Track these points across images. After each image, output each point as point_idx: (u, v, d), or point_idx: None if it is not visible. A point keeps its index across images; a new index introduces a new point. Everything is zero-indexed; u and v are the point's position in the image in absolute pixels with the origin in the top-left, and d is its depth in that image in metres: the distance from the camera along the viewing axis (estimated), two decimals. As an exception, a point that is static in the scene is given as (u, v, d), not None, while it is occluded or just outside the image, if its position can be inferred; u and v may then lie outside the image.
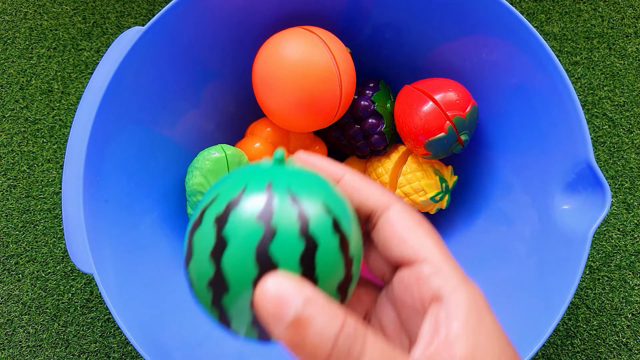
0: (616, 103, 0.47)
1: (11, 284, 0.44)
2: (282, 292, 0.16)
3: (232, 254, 0.17)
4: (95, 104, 0.34)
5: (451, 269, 0.20)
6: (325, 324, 0.16)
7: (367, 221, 0.22)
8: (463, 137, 0.38)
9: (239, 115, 0.43)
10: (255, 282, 0.17)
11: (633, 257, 0.44)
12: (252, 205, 0.18)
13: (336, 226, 0.19)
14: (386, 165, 0.42)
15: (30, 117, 0.47)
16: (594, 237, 0.45)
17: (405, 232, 0.20)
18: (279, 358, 0.38)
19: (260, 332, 0.19)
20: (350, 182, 0.22)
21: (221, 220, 0.18)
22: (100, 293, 0.32)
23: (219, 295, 0.18)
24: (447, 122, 0.37)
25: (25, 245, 0.44)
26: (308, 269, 0.18)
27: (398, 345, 0.21)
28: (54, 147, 0.46)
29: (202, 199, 0.19)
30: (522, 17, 0.34)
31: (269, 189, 0.18)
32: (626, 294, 0.44)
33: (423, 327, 0.19)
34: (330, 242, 0.18)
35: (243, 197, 0.18)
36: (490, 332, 0.19)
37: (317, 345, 0.16)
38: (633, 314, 0.43)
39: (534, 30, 0.34)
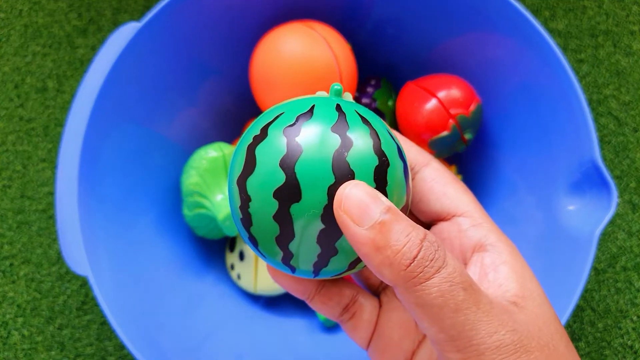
0: (622, 101, 0.46)
1: (6, 285, 0.43)
2: (368, 195, 0.17)
3: (307, 161, 0.17)
4: (90, 102, 0.33)
5: (489, 223, 0.21)
6: (411, 229, 0.17)
7: None
8: (467, 136, 0.37)
9: (236, 113, 0.43)
10: (330, 190, 0.17)
11: (639, 258, 0.44)
12: (325, 117, 0.18)
13: (400, 153, 0.19)
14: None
15: (24, 116, 0.46)
16: (599, 238, 0.44)
17: (444, 187, 0.21)
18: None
19: (324, 249, 0.18)
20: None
21: (293, 131, 0.18)
22: (95, 295, 0.31)
23: (287, 205, 0.18)
24: (451, 120, 0.36)
25: (20, 246, 0.44)
26: (381, 184, 0.18)
27: None
28: (49, 146, 0.46)
29: (260, 119, 0.19)
30: (527, 14, 0.33)
31: (339, 108, 0.19)
32: (632, 295, 0.43)
33: (469, 272, 0.20)
34: (398, 164, 0.19)
35: (315, 112, 0.18)
36: (532, 277, 0.20)
37: (400, 247, 0.16)
38: (639, 317, 0.43)
39: (540, 26, 0.33)
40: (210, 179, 0.37)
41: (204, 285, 0.40)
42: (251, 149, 0.18)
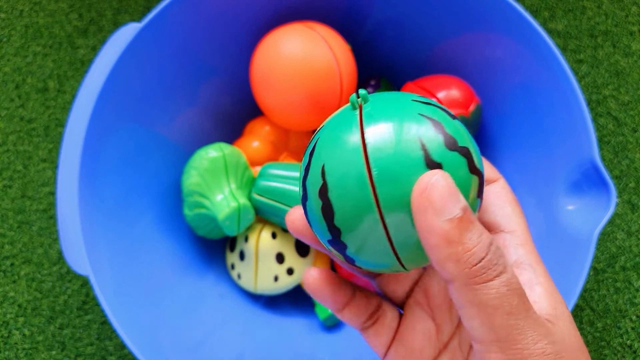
0: (621, 102, 0.46)
1: (7, 285, 0.43)
2: (452, 189, 0.17)
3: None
4: (91, 103, 0.33)
5: (532, 247, 0.22)
6: (482, 232, 0.17)
7: None
8: (466, 136, 0.37)
9: (237, 113, 0.43)
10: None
11: (638, 258, 0.44)
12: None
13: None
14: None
15: (25, 116, 0.46)
16: (598, 238, 0.44)
17: (503, 203, 0.22)
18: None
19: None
20: None
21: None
22: (96, 295, 0.31)
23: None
24: (450, 120, 0.36)
25: (21, 246, 0.44)
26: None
27: (445, 316, 0.23)
28: (50, 146, 0.46)
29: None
30: (526, 14, 0.33)
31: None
32: (631, 295, 0.43)
33: None
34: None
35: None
36: (562, 301, 0.20)
37: (472, 247, 0.17)
38: (638, 316, 0.43)
39: (539, 27, 0.33)
40: (210, 179, 0.37)
41: (205, 284, 0.40)
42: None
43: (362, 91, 0.20)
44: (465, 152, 0.18)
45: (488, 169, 0.23)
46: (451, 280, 0.17)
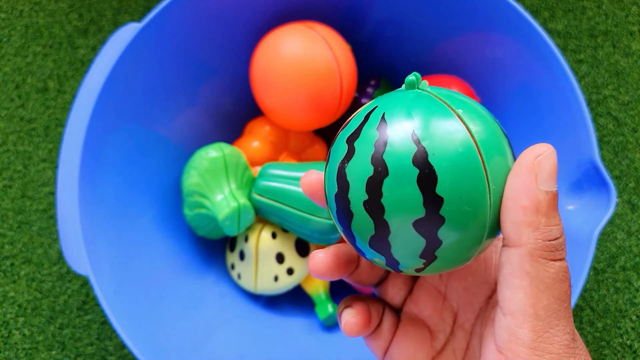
0: (621, 102, 0.46)
1: (7, 285, 0.43)
2: (555, 167, 0.18)
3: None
4: (91, 103, 0.33)
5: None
6: (560, 219, 0.18)
7: None
8: (466, 136, 0.37)
9: (237, 113, 0.43)
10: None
11: (638, 258, 0.44)
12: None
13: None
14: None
15: (25, 116, 0.46)
16: (598, 237, 0.44)
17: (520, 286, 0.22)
18: (278, 361, 0.37)
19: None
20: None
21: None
22: (96, 295, 0.31)
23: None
24: (450, 120, 0.36)
25: (21, 246, 0.44)
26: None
27: (439, 323, 0.23)
28: (50, 146, 0.46)
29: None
30: (526, 14, 0.33)
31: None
32: (631, 295, 0.43)
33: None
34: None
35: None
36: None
37: (553, 225, 0.18)
38: (638, 316, 0.43)
39: (539, 27, 0.33)
40: (210, 179, 0.37)
41: (205, 284, 0.40)
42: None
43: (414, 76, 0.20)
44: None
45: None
46: (519, 245, 0.18)
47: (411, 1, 0.37)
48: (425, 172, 0.17)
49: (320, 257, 0.22)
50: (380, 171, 0.17)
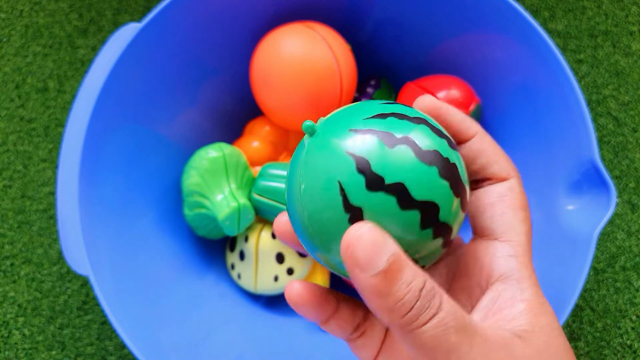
0: (621, 102, 0.46)
1: (7, 285, 0.43)
2: (375, 242, 0.17)
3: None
4: (91, 103, 0.33)
5: (526, 259, 0.21)
6: (412, 278, 0.17)
7: (481, 181, 0.22)
8: (466, 136, 0.37)
9: (237, 113, 0.43)
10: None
11: (638, 258, 0.44)
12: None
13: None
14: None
15: (25, 116, 0.46)
16: (598, 238, 0.44)
17: (507, 208, 0.21)
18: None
19: None
20: (481, 144, 0.22)
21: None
22: (96, 295, 0.31)
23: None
24: (450, 120, 0.36)
25: (21, 246, 0.44)
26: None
27: None
28: (50, 146, 0.46)
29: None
30: (526, 14, 0.33)
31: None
32: (631, 295, 0.43)
33: (483, 300, 0.20)
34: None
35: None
36: (550, 324, 0.19)
37: (402, 296, 0.17)
38: (638, 316, 0.43)
39: (539, 27, 0.33)
40: (210, 179, 0.37)
41: (205, 284, 0.40)
42: None
43: (307, 123, 0.20)
44: (396, 189, 0.18)
45: (499, 166, 0.22)
46: (390, 327, 0.18)
47: (411, 1, 0.37)
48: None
49: (296, 287, 0.21)
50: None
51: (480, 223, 0.22)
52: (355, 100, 0.41)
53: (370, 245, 0.17)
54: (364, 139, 0.18)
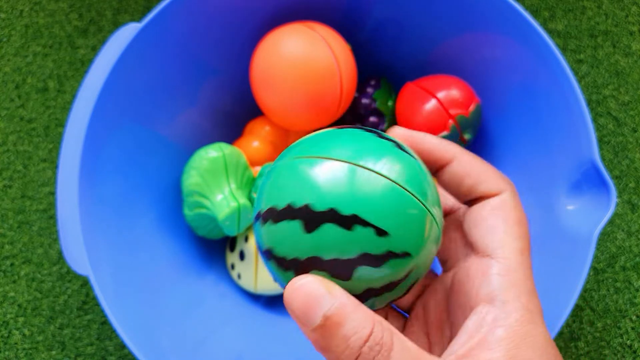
0: (621, 102, 0.46)
1: (6, 285, 0.43)
2: (312, 295, 0.17)
3: None
4: (91, 103, 0.33)
5: (518, 277, 0.19)
6: (353, 331, 0.17)
7: (474, 201, 0.22)
8: (466, 136, 0.37)
9: (237, 113, 0.43)
10: None
11: (638, 258, 0.44)
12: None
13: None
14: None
15: (25, 116, 0.46)
16: (598, 238, 0.44)
17: (500, 222, 0.20)
18: (278, 361, 0.37)
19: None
20: (463, 166, 0.22)
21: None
22: (96, 295, 0.31)
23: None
24: (450, 120, 0.36)
25: (21, 246, 0.44)
26: None
27: (437, 334, 0.21)
28: (50, 146, 0.46)
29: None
30: (526, 14, 0.33)
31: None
32: (631, 295, 0.43)
33: (466, 323, 0.19)
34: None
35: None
36: (536, 349, 0.18)
37: (342, 351, 0.16)
38: (638, 316, 0.43)
39: (539, 27, 0.33)
40: (210, 179, 0.37)
41: (205, 284, 0.40)
42: None
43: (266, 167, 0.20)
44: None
45: (487, 184, 0.21)
46: None
47: (411, 1, 0.37)
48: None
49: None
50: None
51: (473, 239, 0.21)
52: (355, 100, 0.41)
53: (305, 300, 0.17)
54: (309, 182, 0.19)
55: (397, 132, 0.22)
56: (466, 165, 0.22)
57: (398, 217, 0.18)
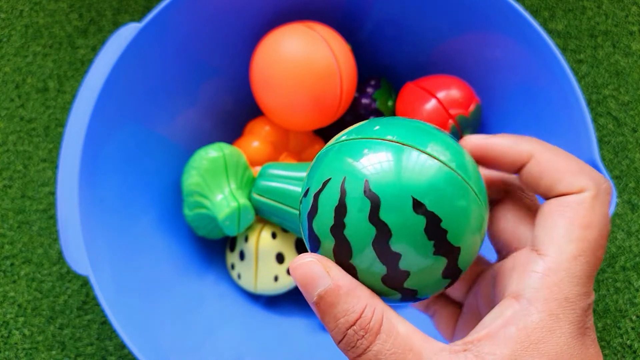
0: (621, 102, 0.46)
1: (7, 285, 0.43)
2: (310, 273, 0.18)
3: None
4: (91, 103, 0.33)
5: (557, 283, 0.18)
6: (342, 313, 0.18)
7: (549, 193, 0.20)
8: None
9: (237, 113, 0.43)
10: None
11: (638, 258, 0.44)
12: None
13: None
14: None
15: (25, 116, 0.46)
16: (598, 237, 0.44)
17: (562, 222, 0.19)
18: (278, 361, 0.37)
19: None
20: (540, 165, 0.20)
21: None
22: (96, 295, 0.31)
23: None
24: (450, 120, 0.36)
25: (21, 246, 0.44)
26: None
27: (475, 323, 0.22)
28: (50, 146, 0.46)
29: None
30: (526, 14, 0.33)
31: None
32: (631, 295, 0.43)
33: (490, 313, 0.19)
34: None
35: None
36: (532, 344, 0.17)
37: (332, 329, 0.18)
38: (638, 316, 0.43)
39: (539, 27, 0.33)
40: (210, 179, 0.37)
41: (205, 284, 0.40)
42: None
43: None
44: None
45: (565, 182, 0.19)
46: None
47: (411, 1, 0.37)
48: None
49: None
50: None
51: (535, 231, 0.20)
52: (355, 100, 0.41)
53: (302, 279, 0.18)
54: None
55: (470, 142, 0.21)
56: (544, 163, 0.20)
57: (452, 207, 0.18)
